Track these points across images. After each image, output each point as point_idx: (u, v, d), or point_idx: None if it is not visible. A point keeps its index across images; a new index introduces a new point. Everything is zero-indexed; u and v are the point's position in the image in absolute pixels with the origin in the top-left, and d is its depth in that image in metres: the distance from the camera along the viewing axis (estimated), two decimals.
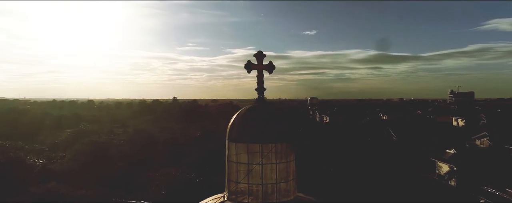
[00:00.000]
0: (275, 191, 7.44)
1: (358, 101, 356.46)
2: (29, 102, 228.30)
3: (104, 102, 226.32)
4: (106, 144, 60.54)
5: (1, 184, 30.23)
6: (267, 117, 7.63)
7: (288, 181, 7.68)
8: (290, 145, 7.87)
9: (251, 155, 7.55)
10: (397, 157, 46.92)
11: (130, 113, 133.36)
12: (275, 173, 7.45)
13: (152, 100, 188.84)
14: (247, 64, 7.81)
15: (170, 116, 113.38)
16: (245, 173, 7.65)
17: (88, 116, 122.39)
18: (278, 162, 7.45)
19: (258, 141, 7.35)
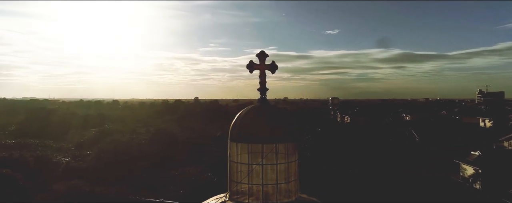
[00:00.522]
0: (276, 191, 7.42)
1: (381, 101, 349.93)
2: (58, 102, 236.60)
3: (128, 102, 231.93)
4: (128, 143, 61.98)
5: (28, 180, 31.47)
6: (268, 117, 7.63)
7: (289, 181, 7.65)
8: (292, 145, 7.84)
9: (252, 156, 7.56)
10: (419, 159, 45.74)
11: (152, 113, 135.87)
12: (276, 173, 7.43)
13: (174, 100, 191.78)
14: (249, 64, 7.84)
15: (191, 116, 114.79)
16: (246, 174, 7.69)
17: (113, 116, 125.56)
18: (278, 162, 7.42)
19: (259, 141, 7.34)
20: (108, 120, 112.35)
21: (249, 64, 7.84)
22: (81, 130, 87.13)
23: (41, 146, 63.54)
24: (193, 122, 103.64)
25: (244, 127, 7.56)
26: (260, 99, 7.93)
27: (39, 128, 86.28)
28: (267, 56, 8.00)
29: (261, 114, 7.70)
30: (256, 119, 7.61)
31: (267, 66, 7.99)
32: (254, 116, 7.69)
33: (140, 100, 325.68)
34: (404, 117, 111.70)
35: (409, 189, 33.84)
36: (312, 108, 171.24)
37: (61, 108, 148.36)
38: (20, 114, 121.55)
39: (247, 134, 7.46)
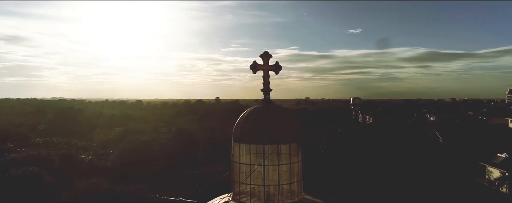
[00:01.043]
0: (278, 192, 7.42)
1: (405, 101, 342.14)
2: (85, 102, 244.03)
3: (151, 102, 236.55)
4: (150, 142, 63.23)
5: (53, 177, 32.66)
6: (270, 118, 7.63)
7: (292, 182, 7.64)
8: (295, 146, 7.82)
9: (255, 156, 7.58)
10: (443, 160, 44.43)
11: (174, 112, 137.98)
12: (277, 174, 7.43)
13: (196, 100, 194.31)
14: (253, 64, 7.87)
15: (212, 116, 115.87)
16: (249, 174, 7.72)
17: (136, 116, 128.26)
18: (280, 163, 7.41)
19: (260, 142, 7.35)
20: (131, 119, 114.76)
21: (252, 65, 7.87)
22: (106, 130, 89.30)
23: (67, 145, 65.64)
24: (214, 122, 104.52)
25: (246, 128, 7.60)
26: (264, 100, 7.95)
27: (66, 127, 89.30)
28: (271, 57, 8.02)
29: (263, 114, 7.72)
30: (258, 120, 7.63)
31: (271, 66, 8.00)
32: (257, 116, 7.71)
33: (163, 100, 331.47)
34: (428, 118, 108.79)
35: (431, 192, 32.97)
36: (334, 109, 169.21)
37: (88, 108, 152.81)
38: (49, 114, 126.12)
39: (249, 134, 7.48)
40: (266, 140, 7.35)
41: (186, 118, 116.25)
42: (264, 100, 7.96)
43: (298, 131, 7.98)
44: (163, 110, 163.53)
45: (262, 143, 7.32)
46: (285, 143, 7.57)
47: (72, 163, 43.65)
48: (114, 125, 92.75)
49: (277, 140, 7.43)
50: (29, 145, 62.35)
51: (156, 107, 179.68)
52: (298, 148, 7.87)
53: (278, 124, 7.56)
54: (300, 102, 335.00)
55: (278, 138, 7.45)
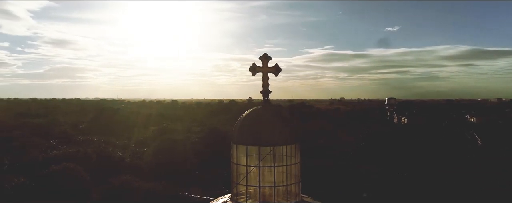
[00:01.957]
0: (273, 194, 7.46)
1: (446, 101, 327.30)
2: (124, 102, 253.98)
3: (186, 102, 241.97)
4: (183, 141, 64.84)
5: (89, 173, 34.39)
6: (268, 120, 7.67)
7: (289, 184, 7.65)
8: (293, 148, 7.83)
9: (251, 158, 7.67)
10: (481, 165, 42.08)
11: (207, 112, 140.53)
12: (273, 176, 7.47)
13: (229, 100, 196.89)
14: (252, 66, 7.95)
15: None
16: (249, 176, 7.81)
17: (171, 115, 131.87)
18: (275, 165, 7.45)
19: (255, 143, 7.42)
20: (166, 119, 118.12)
21: (252, 67, 7.95)
22: (142, 129, 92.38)
23: (105, 143, 68.72)
24: None
25: (242, 129, 7.70)
26: (263, 101, 8.02)
27: (105, 126, 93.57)
28: (270, 59, 8.07)
29: (261, 116, 7.78)
30: (256, 122, 7.70)
31: (270, 68, 8.04)
32: (254, 118, 7.79)
33: (198, 100, 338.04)
34: (468, 119, 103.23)
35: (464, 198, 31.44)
36: (368, 109, 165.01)
37: (126, 108, 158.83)
38: (90, 113, 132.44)
39: (245, 136, 7.58)
40: (261, 142, 7.41)
41: (219, 117, 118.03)
42: (263, 102, 8.02)
43: (296, 133, 7.97)
44: (197, 110, 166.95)
45: (257, 144, 7.40)
46: (280, 145, 7.60)
47: (107, 160, 45.67)
48: (150, 125, 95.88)
49: (272, 142, 7.48)
50: (71, 142, 65.99)
51: (190, 107, 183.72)
52: (296, 150, 7.86)
53: (275, 126, 7.59)
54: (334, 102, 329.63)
55: (273, 140, 7.49)
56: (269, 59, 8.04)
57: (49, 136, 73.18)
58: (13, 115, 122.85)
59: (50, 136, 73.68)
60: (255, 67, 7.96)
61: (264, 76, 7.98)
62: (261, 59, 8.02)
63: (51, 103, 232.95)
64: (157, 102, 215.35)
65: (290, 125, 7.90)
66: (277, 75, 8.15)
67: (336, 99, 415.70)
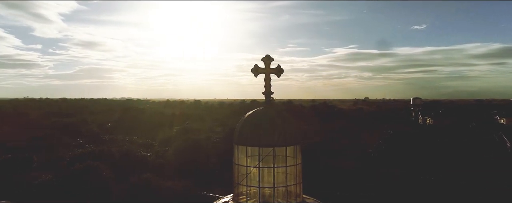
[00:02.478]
0: (273, 195, 7.49)
1: (477, 101, 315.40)
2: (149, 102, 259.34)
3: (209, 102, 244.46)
4: (204, 141, 65.59)
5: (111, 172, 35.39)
6: (268, 121, 7.70)
7: (288, 185, 7.66)
8: (293, 149, 7.83)
9: (252, 158, 7.73)
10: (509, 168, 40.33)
11: (229, 112, 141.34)
12: (272, 176, 7.50)
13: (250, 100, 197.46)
14: (254, 68, 8.01)
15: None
16: (250, 176, 7.86)
17: (194, 115, 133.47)
18: (274, 166, 7.48)
19: (255, 144, 7.47)
20: (189, 119, 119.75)
21: (254, 68, 8.01)
22: (165, 128, 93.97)
23: (129, 142, 70.41)
24: None
25: (243, 130, 7.77)
26: (265, 103, 8.05)
27: (130, 126, 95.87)
28: (272, 60, 8.10)
29: (262, 118, 7.83)
30: (257, 123, 7.75)
31: (272, 70, 8.08)
32: (256, 119, 7.85)
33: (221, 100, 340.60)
34: (498, 120, 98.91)
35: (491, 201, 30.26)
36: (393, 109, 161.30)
37: (150, 108, 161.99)
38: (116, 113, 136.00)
39: (245, 137, 7.64)
40: (260, 143, 7.45)
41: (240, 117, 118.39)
42: (265, 103, 8.06)
43: (296, 135, 7.97)
44: (220, 109, 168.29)
45: (257, 145, 7.45)
46: (280, 146, 7.61)
47: (130, 159, 46.79)
48: (173, 124, 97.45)
49: (272, 143, 7.50)
50: (97, 141, 68.03)
51: (213, 107, 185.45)
52: (296, 151, 7.86)
53: (275, 127, 7.61)
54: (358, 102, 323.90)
55: (273, 141, 7.51)
56: (271, 61, 8.06)
57: (77, 135, 75.70)
58: (45, 115, 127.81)
59: (78, 135, 76.18)
60: (257, 68, 8.02)
61: (266, 77, 8.03)
62: (263, 60, 8.06)
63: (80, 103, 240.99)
64: (180, 102, 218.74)
65: (291, 127, 7.91)
66: (279, 76, 8.17)
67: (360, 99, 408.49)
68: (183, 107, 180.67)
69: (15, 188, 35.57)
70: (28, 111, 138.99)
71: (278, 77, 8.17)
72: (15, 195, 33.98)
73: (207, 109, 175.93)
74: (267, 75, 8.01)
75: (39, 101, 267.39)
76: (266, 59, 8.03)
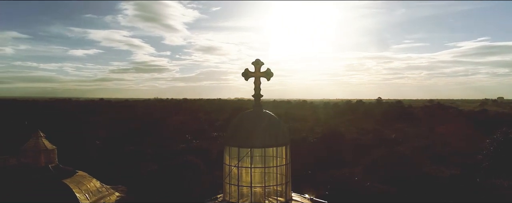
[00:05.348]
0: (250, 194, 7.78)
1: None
2: None
3: (314, 102, 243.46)
4: (300, 141, 66.15)
5: (207, 166, 38.86)
6: (258, 123, 8.01)
7: (269, 186, 7.87)
8: (282, 150, 7.99)
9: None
10: None
11: (333, 113, 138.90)
12: (250, 176, 7.79)
13: (356, 101, 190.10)
14: (245, 72, 8.41)
15: (369, 117, 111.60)
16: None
17: (296, 115, 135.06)
18: (252, 166, 7.77)
19: (245, 145, 7.84)
20: (292, 119, 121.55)
21: (244, 72, 8.41)
22: None
23: None
24: (371, 123, 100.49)
25: (233, 132, 8.23)
26: (254, 105, 8.38)
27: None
28: (262, 64, 8.38)
29: (250, 120, 8.18)
30: (245, 125, 8.14)
31: (262, 73, 8.35)
32: (244, 121, 8.25)
33: (329, 100, 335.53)
34: None
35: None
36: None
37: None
38: (227, 112, 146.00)
39: (235, 138, 8.08)
40: (248, 144, 7.83)
41: (343, 118, 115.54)
42: (254, 106, 8.37)
43: (285, 136, 8.10)
44: (324, 110, 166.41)
45: (245, 146, 7.83)
46: (268, 147, 7.86)
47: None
48: None
49: (260, 144, 7.80)
50: (205, 138, 74.59)
51: (317, 107, 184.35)
52: (285, 152, 8.01)
53: (263, 129, 7.89)
54: (487, 103, 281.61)
55: (261, 142, 7.81)
56: (261, 65, 8.35)
57: (188, 131, 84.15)
58: (168, 113, 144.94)
59: (189, 132, 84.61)
60: (247, 72, 8.40)
61: (256, 80, 8.35)
62: (253, 64, 8.40)
63: (197, 102, 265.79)
64: (286, 102, 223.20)
65: (279, 129, 8.09)
66: (268, 79, 8.40)
67: (491, 100, 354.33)
68: (288, 107, 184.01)
69: (130, 175, 41.81)
70: (155, 111, 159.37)
71: (268, 80, 8.40)
72: (129, 182, 40.11)
73: (311, 109, 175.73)
74: (257, 78, 8.32)
75: (166, 101, 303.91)
76: (256, 63, 8.35)
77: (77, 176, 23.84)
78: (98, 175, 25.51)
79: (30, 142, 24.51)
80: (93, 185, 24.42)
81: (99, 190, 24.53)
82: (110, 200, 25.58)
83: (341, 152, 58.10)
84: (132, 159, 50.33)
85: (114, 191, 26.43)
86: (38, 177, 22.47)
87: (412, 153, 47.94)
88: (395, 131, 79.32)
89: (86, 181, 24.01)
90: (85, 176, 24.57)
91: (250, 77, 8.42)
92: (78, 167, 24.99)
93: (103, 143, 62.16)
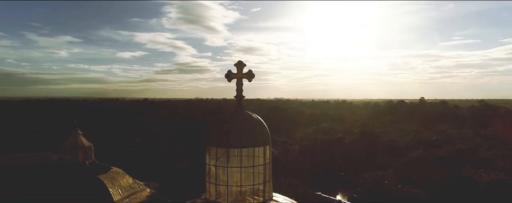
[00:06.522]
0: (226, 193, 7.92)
1: None
2: (295, 102, 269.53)
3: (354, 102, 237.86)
4: (334, 142, 65.12)
5: None
6: (237, 124, 8.13)
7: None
8: (262, 150, 8.08)
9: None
10: None
11: (372, 113, 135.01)
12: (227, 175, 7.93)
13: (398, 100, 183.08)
14: (227, 73, 8.56)
15: (410, 118, 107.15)
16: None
17: (334, 115, 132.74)
18: (228, 166, 7.90)
19: (225, 145, 7.99)
20: (329, 119, 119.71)
21: (227, 74, 8.56)
22: (302, 127, 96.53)
23: None
24: (411, 124, 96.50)
25: (214, 132, 8.41)
26: (236, 106, 8.51)
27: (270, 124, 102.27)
28: (245, 66, 8.50)
29: (230, 120, 8.34)
30: (226, 125, 8.30)
31: (244, 74, 8.46)
32: (223, 122, 8.43)
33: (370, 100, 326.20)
34: None
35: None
36: None
37: (293, 107, 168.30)
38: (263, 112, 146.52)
39: (216, 138, 8.23)
40: (228, 144, 7.98)
41: (383, 119, 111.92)
42: (237, 106, 8.50)
43: (265, 137, 8.17)
44: (363, 110, 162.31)
45: (215, 146, 8.01)
46: (248, 147, 7.97)
47: None
48: (311, 124, 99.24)
49: (239, 144, 7.94)
50: None
51: (357, 107, 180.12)
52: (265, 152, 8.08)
53: (235, 130, 8.02)
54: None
55: (241, 142, 7.94)
56: (243, 66, 8.47)
57: None
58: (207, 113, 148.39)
59: None
60: (230, 74, 8.55)
61: (238, 81, 8.48)
62: (236, 66, 8.54)
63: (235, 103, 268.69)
64: (324, 102, 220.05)
65: (257, 129, 8.18)
66: (250, 81, 8.50)
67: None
68: (326, 107, 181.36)
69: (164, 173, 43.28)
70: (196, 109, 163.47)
71: (249, 82, 8.50)
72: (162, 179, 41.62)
73: (350, 109, 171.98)
74: (239, 80, 8.44)
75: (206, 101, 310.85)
76: (238, 64, 8.48)
77: (112, 172, 25.11)
78: (133, 172, 26.79)
79: (69, 140, 26.22)
80: (126, 181, 25.61)
81: (131, 186, 25.66)
82: (141, 196, 26.66)
83: (376, 153, 56.52)
84: (167, 157, 52.12)
85: (146, 188, 27.55)
86: (75, 173, 23.96)
87: (451, 156, 45.59)
88: (436, 133, 75.59)
89: (120, 177, 25.22)
90: (119, 172, 25.86)
91: (233, 79, 8.55)
92: (115, 164, 26.32)
93: (142, 141, 64.88)
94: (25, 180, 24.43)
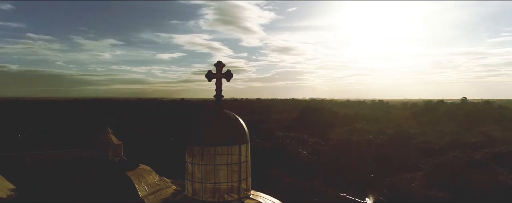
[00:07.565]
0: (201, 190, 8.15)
1: None
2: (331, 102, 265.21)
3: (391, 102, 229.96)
4: (364, 142, 63.59)
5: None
6: (213, 123, 8.33)
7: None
8: (239, 148, 8.26)
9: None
10: None
11: (409, 113, 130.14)
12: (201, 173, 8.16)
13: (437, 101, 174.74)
14: (207, 74, 8.79)
15: (450, 118, 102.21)
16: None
17: (369, 116, 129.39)
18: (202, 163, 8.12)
19: (202, 143, 8.21)
20: (363, 119, 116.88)
21: (207, 74, 8.79)
22: (335, 128, 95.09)
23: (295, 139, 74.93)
24: (450, 125, 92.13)
25: (192, 131, 8.63)
26: (214, 105, 8.73)
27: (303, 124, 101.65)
28: (223, 66, 8.71)
29: (206, 119, 8.56)
30: (204, 124, 8.53)
31: (223, 74, 8.66)
32: (200, 121, 8.66)
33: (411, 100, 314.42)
34: None
35: None
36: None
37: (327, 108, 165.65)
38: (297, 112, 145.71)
39: (194, 137, 8.45)
40: (195, 142, 8.21)
41: (419, 119, 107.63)
42: (215, 106, 8.72)
43: (242, 135, 8.32)
44: (400, 110, 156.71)
45: (192, 144, 8.25)
46: (226, 145, 8.18)
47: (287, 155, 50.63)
48: (344, 124, 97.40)
49: (216, 142, 8.16)
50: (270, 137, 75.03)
51: (393, 108, 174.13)
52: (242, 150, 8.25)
53: (211, 128, 8.22)
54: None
55: (218, 140, 8.15)
56: (222, 66, 8.69)
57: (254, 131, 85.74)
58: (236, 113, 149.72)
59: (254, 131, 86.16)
60: (210, 74, 8.78)
61: (217, 81, 8.68)
62: (215, 66, 8.76)
63: (270, 102, 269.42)
64: (360, 102, 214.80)
65: (234, 128, 8.35)
66: (229, 80, 8.68)
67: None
68: (361, 108, 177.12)
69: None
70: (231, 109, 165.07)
71: (228, 81, 8.70)
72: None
73: (386, 109, 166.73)
74: (218, 79, 8.65)
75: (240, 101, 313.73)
76: (218, 64, 8.70)
77: (139, 169, 26.13)
78: (163, 170, 27.74)
79: (100, 138, 27.67)
80: (152, 178, 26.55)
81: (157, 183, 26.56)
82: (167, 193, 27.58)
83: (407, 155, 54.52)
84: None
85: (172, 185, 28.48)
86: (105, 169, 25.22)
87: (488, 160, 43.14)
88: (477, 134, 71.64)
89: (146, 174, 26.20)
90: (146, 169, 26.87)
91: (212, 78, 8.76)
92: (146, 162, 27.37)
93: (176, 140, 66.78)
94: (60, 174, 26.07)
